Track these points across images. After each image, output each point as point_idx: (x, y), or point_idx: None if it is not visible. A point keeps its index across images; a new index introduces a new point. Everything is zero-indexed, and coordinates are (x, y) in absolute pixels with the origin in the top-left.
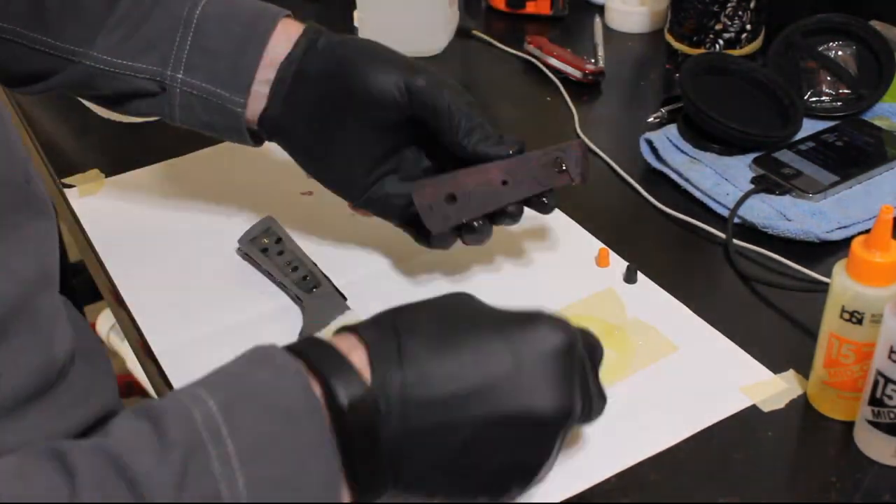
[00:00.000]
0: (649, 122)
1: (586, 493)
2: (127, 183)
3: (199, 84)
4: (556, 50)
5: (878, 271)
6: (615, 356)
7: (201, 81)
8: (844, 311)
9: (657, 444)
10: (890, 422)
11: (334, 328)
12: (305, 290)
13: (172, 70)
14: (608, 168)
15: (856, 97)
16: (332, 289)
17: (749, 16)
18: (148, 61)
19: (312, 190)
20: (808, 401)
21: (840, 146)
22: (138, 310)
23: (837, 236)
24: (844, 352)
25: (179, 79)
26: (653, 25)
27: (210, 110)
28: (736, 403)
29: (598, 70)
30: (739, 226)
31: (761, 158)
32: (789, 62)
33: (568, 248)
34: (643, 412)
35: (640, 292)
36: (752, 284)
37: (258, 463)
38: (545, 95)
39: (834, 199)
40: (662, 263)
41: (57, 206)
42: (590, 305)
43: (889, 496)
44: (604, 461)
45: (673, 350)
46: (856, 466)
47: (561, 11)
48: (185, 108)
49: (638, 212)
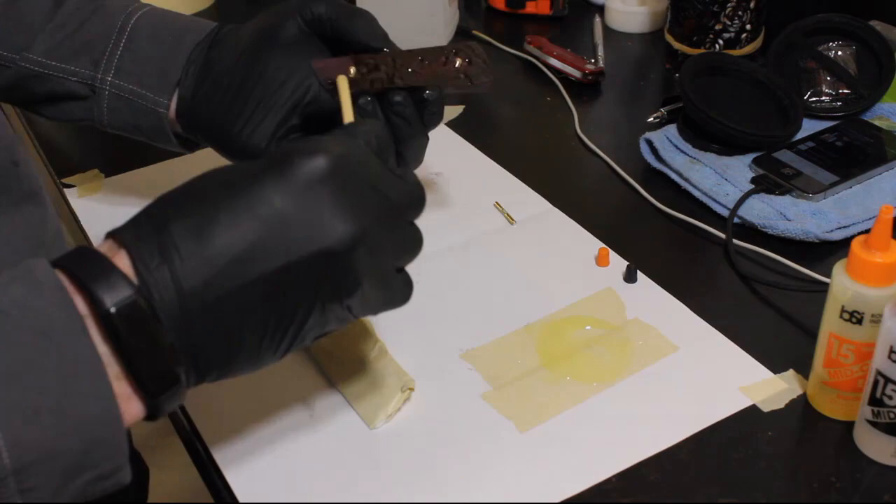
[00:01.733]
0: (649, 122)
1: (586, 493)
2: (127, 183)
3: (127, 87)
4: (556, 50)
5: (878, 271)
6: (615, 356)
7: (130, 84)
8: (844, 311)
9: (657, 444)
10: (889, 422)
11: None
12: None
13: (103, 73)
14: (608, 168)
15: (856, 97)
16: None
17: (749, 16)
18: (80, 64)
19: None
20: (807, 401)
21: (840, 146)
22: None
23: (837, 236)
24: (844, 352)
25: (109, 81)
26: (653, 25)
27: (137, 113)
28: (736, 403)
29: (598, 70)
30: (739, 226)
31: (761, 158)
32: (789, 62)
33: (568, 248)
34: (643, 412)
35: (640, 292)
36: (752, 284)
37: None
38: (545, 95)
39: (834, 199)
40: (662, 263)
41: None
42: (590, 305)
43: (889, 496)
44: (604, 461)
45: (673, 350)
46: (856, 466)
47: (561, 11)
48: (114, 111)
49: (638, 212)
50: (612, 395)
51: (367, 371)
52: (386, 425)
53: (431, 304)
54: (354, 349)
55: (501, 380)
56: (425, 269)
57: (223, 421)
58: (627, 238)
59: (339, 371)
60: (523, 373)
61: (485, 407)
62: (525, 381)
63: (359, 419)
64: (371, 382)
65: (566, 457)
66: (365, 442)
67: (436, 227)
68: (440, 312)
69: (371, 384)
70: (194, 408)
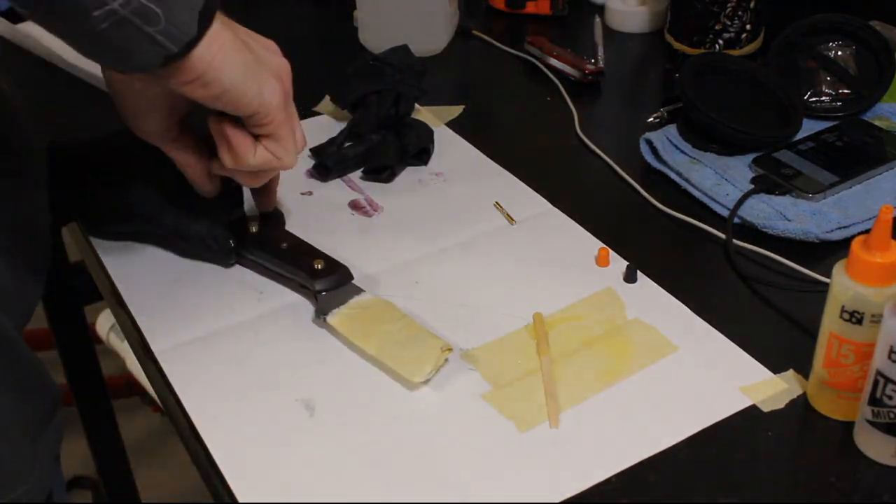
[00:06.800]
0: (649, 122)
1: (586, 493)
2: None
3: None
4: (556, 50)
5: (878, 271)
6: (615, 356)
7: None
8: (844, 311)
9: (657, 444)
10: (889, 422)
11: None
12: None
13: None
14: (608, 168)
15: (856, 97)
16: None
17: (749, 16)
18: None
19: (312, 190)
20: (807, 401)
21: (840, 146)
22: (138, 310)
23: (837, 236)
24: (844, 352)
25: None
26: (653, 25)
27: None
28: (736, 403)
29: (598, 70)
30: (739, 226)
31: (761, 158)
32: (789, 62)
33: (568, 248)
34: (643, 412)
35: (640, 292)
36: (752, 284)
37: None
38: (545, 95)
39: (834, 199)
40: (662, 263)
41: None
42: (590, 305)
43: (889, 496)
44: (604, 461)
45: (673, 350)
46: (856, 466)
47: (561, 11)
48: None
49: (638, 212)
50: (612, 395)
51: (400, 337)
52: (386, 425)
53: (431, 304)
54: (381, 321)
55: (501, 380)
56: (425, 269)
57: (223, 421)
58: (627, 238)
59: (369, 339)
60: (523, 373)
61: (485, 407)
62: (525, 381)
63: (359, 419)
64: (406, 344)
65: (566, 457)
66: (365, 442)
67: (436, 228)
68: (440, 312)
69: (406, 345)
70: (194, 407)
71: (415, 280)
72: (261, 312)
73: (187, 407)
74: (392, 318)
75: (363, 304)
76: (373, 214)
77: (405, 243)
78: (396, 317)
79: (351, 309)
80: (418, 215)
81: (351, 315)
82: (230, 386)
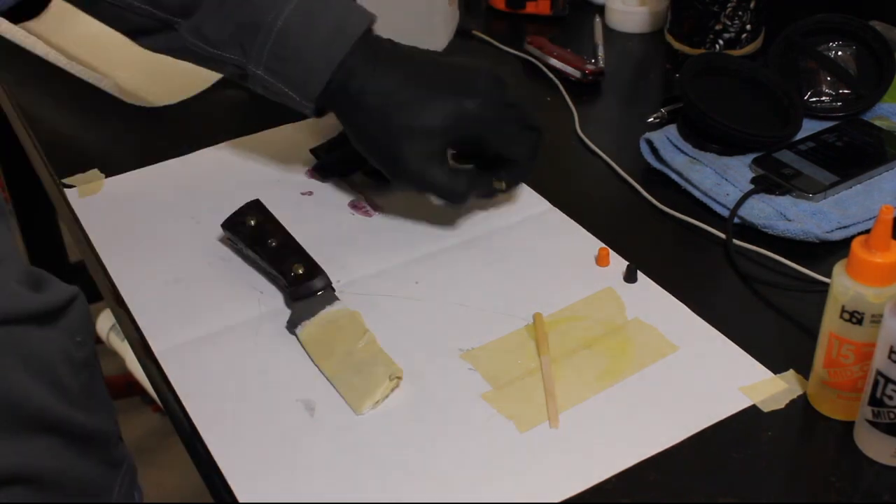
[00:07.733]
0: (649, 122)
1: (586, 493)
2: (127, 183)
3: (274, 84)
4: (556, 50)
5: (878, 271)
6: (615, 356)
7: (278, 82)
8: (844, 311)
9: (657, 445)
10: (889, 422)
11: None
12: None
13: (254, 65)
14: (608, 168)
15: (856, 97)
16: (318, 275)
17: (749, 16)
18: (231, 51)
19: (312, 190)
20: (808, 401)
21: (840, 146)
22: (138, 310)
23: (837, 236)
24: (844, 352)
25: (259, 74)
26: (653, 25)
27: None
28: (736, 403)
29: (598, 70)
30: (739, 226)
31: (761, 158)
32: (789, 62)
33: (568, 248)
34: (643, 412)
35: (640, 292)
36: (752, 284)
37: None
38: (545, 95)
39: (834, 199)
40: (662, 263)
41: (57, 206)
42: (590, 305)
43: (889, 496)
44: (604, 461)
45: (673, 350)
46: (856, 466)
47: (561, 11)
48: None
49: (638, 212)
50: (612, 395)
51: (356, 359)
52: (386, 426)
53: (431, 304)
54: (343, 339)
55: (501, 380)
56: (425, 269)
57: (223, 421)
58: (627, 238)
59: (328, 360)
60: (523, 373)
61: (485, 407)
62: (525, 381)
63: (359, 419)
64: (359, 370)
65: (566, 457)
66: (365, 442)
67: (436, 227)
68: (440, 312)
69: (359, 371)
70: (194, 407)
71: (415, 280)
72: (261, 312)
73: (187, 407)
74: (354, 337)
75: (331, 316)
76: (373, 214)
77: (405, 243)
78: (359, 334)
79: (318, 323)
80: (418, 215)
81: (317, 330)
82: (230, 386)
